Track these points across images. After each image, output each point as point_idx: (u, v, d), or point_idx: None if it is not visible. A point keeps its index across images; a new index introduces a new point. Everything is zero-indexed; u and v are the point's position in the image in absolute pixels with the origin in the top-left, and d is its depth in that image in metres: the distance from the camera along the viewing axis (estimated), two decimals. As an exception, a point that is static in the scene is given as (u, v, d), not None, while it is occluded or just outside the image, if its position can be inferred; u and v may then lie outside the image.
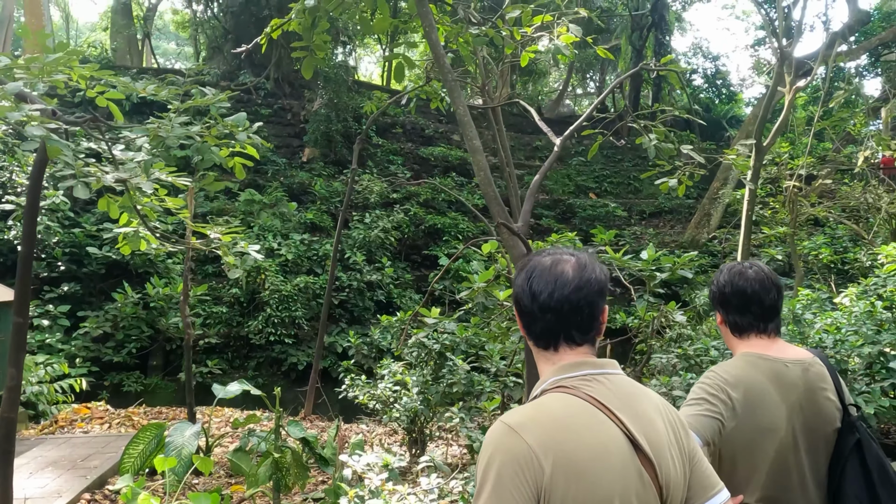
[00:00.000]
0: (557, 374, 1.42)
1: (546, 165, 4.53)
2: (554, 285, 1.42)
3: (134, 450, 5.13)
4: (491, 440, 1.34)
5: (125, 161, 3.55)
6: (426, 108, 21.59)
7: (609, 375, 1.43)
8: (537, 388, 1.45)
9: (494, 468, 1.29)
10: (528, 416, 1.36)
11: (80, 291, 12.19)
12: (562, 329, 1.43)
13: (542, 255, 1.51)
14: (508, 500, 1.26)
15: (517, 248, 4.09)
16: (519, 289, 1.49)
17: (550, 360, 1.46)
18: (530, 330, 1.47)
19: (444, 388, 5.33)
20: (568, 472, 1.28)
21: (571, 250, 1.53)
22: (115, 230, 4.45)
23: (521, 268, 1.53)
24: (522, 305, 1.47)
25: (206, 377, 11.69)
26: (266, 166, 16.38)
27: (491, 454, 1.32)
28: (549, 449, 1.29)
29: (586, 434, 1.32)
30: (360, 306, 14.03)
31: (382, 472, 3.65)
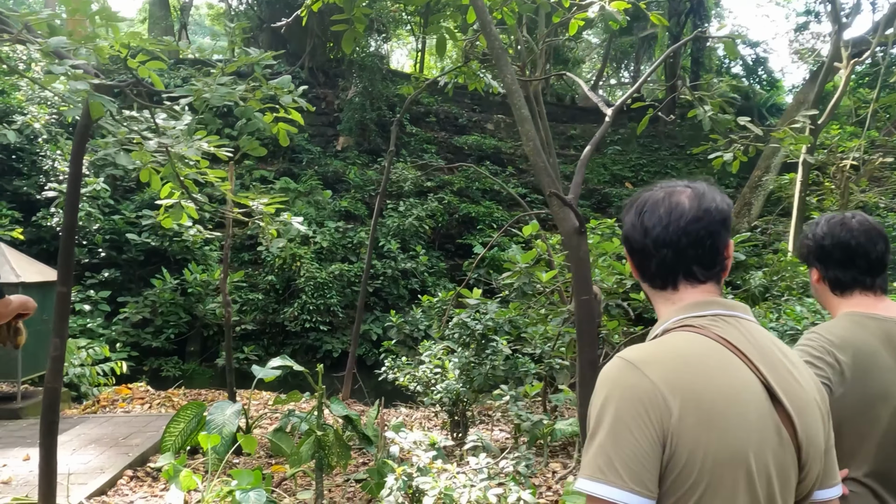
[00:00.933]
0: (681, 313, 1.29)
1: (598, 136, 4.34)
2: (669, 217, 1.29)
3: (175, 428, 5.10)
4: (607, 377, 1.21)
5: (167, 129, 3.46)
6: (460, 98, 21.50)
7: (741, 320, 1.28)
8: (656, 330, 1.32)
9: (612, 407, 1.16)
10: (651, 352, 1.22)
11: (119, 278, 12.34)
12: (681, 265, 1.30)
13: (652, 189, 1.39)
14: (628, 443, 1.12)
15: (568, 221, 3.92)
16: (629, 225, 1.37)
17: (670, 300, 1.33)
18: (644, 269, 1.35)
19: (488, 370, 5.19)
20: (699, 415, 1.13)
21: (686, 181, 1.40)
22: (158, 202, 4.39)
23: (629, 204, 1.41)
24: (634, 243, 1.35)
25: (242, 363, 11.74)
26: (301, 155, 16.42)
27: (608, 392, 1.18)
28: (676, 388, 1.14)
29: (718, 376, 1.18)
30: (395, 294, 13.97)
31: (429, 450, 3.52)
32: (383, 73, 18.44)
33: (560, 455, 5.28)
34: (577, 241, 3.89)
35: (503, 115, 21.43)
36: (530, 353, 6.07)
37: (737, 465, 1.13)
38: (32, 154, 12.60)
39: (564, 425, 4.79)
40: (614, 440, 1.12)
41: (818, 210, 10.59)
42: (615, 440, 1.12)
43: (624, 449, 1.11)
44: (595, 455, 1.14)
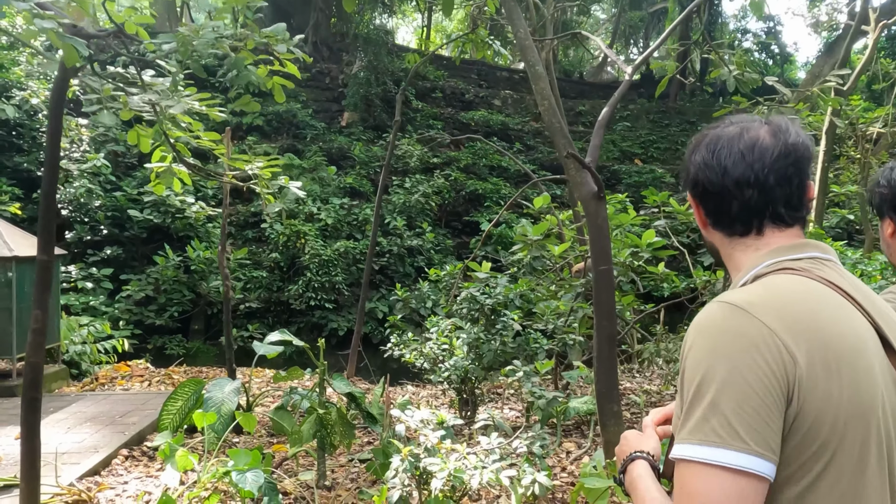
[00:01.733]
0: (771, 256, 1.13)
1: (616, 96, 4.05)
2: (752, 154, 1.14)
3: (173, 406, 4.90)
4: (710, 325, 1.02)
5: (154, 85, 3.20)
6: (466, 73, 21.10)
7: (836, 265, 1.14)
8: (743, 278, 1.15)
9: (722, 359, 0.97)
10: (759, 293, 1.04)
11: (122, 255, 12.18)
12: (767, 206, 1.14)
13: (721, 126, 1.23)
14: (749, 400, 0.94)
15: (586, 186, 3.66)
16: (700, 165, 1.20)
17: (753, 246, 1.17)
18: (721, 214, 1.19)
19: (498, 346, 4.96)
20: (828, 365, 0.97)
21: (758, 117, 1.23)
22: (147, 166, 4.13)
23: (696, 144, 1.24)
24: (709, 184, 1.18)
25: (247, 341, 11.60)
26: (305, 131, 16.15)
27: (714, 342, 0.99)
28: (799, 333, 0.98)
29: (841, 321, 1.02)
30: (401, 272, 13.77)
31: (437, 429, 3.30)
32: (388, 48, 18.06)
33: (574, 434, 5.07)
34: (596, 206, 3.63)
35: (510, 90, 21.05)
36: (541, 328, 5.85)
37: (867, 424, 0.98)
38: (32, 130, 12.37)
39: (579, 403, 4.57)
40: (732, 397, 0.94)
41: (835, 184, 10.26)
42: (733, 398, 0.94)
43: (745, 407, 0.94)
44: (706, 416, 0.96)
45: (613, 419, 3.64)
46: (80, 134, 12.85)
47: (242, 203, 14.05)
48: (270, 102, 16.12)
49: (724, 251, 1.22)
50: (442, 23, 27.74)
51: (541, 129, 19.52)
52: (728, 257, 1.21)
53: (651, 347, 5.65)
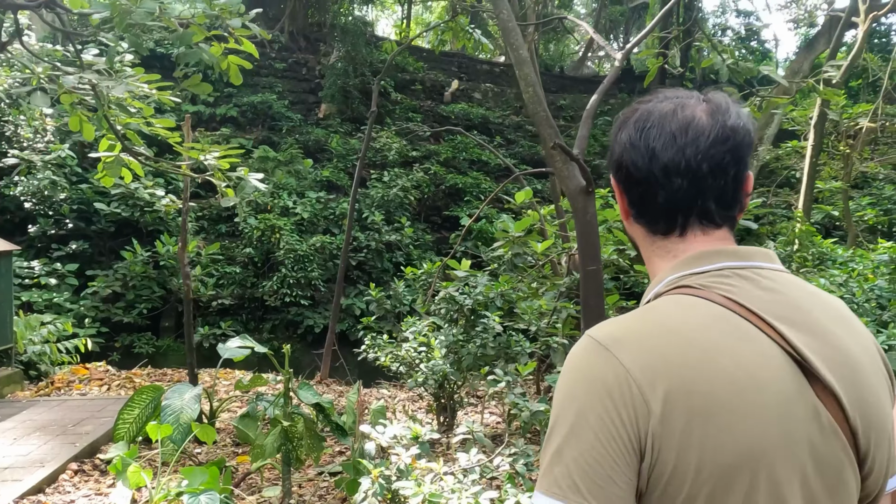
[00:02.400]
0: (678, 269, 0.98)
1: (605, 84, 3.79)
2: (685, 136, 0.97)
3: (129, 415, 4.56)
4: (570, 362, 0.93)
5: (93, 63, 2.87)
6: (446, 66, 20.76)
7: (762, 270, 0.96)
8: (648, 294, 1.01)
9: (572, 403, 0.89)
10: (628, 327, 0.92)
11: (88, 250, 11.73)
12: (696, 200, 0.98)
13: (654, 100, 1.04)
14: (592, 451, 0.85)
15: (574, 179, 3.38)
16: (625, 145, 1.02)
17: (671, 251, 1.01)
18: (644, 206, 1.02)
19: (478, 348, 4.68)
20: (691, 410, 0.84)
21: (696, 92, 1.06)
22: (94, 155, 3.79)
23: (622, 120, 1.06)
24: (633, 169, 1.01)
25: (219, 339, 11.21)
26: (280, 123, 15.73)
27: (570, 383, 0.91)
28: (658, 375, 0.86)
29: (722, 353, 0.87)
30: (379, 267, 13.46)
31: (411, 445, 3.01)
32: (367, 38, 17.66)
33: (558, 443, 4.81)
34: (584, 201, 3.36)
35: (491, 83, 20.77)
36: (522, 329, 5.58)
37: (750, 470, 0.84)
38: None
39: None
40: (575, 446, 0.86)
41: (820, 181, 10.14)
42: (575, 446, 0.86)
43: (587, 457, 0.85)
44: (552, 464, 0.88)
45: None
46: (44, 124, 12.33)
47: (215, 196, 13.62)
48: (244, 93, 15.70)
49: (645, 252, 1.07)
50: (422, 15, 27.38)
51: (522, 123, 19.27)
52: (648, 260, 1.06)
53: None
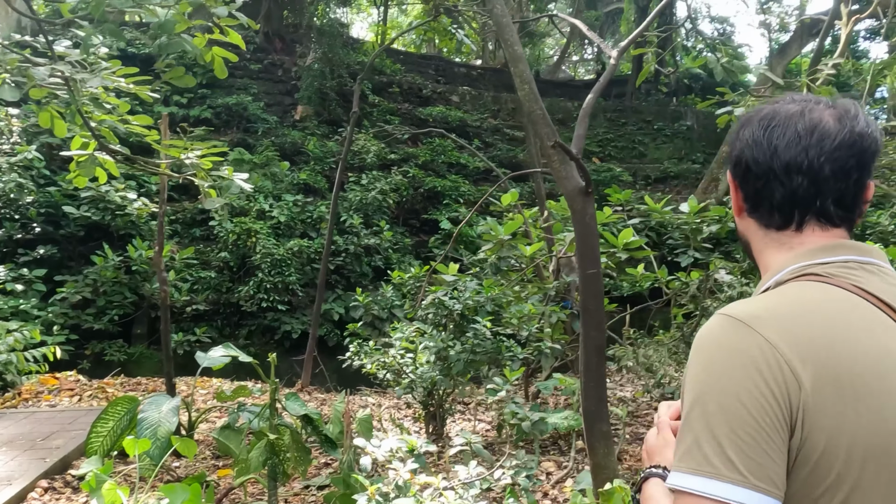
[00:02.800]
0: (800, 259, 1.01)
1: (602, 81, 3.69)
2: (810, 137, 1.00)
3: (102, 427, 4.34)
4: (709, 340, 0.93)
5: (66, 55, 2.68)
6: (424, 68, 20.65)
7: (883, 267, 1.00)
8: (765, 283, 1.04)
9: (718, 379, 0.88)
10: (766, 306, 0.93)
11: (57, 255, 11.35)
12: (815, 199, 1.01)
13: (781, 102, 1.08)
14: (746, 426, 0.84)
15: (571, 180, 3.27)
16: (748, 141, 1.06)
17: (787, 244, 1.05)
18: (760, 200, 1.06)
19: (468, 355, 4.55)
20: (840, 389, 0.85)
21: (825, 98, 1.08)
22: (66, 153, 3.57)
23: (747, 119, 1.10)
24: (753, 164, 1.05)
25: (194, 346, 10.94)
26: (256, 125, 15.46)
27: (710, 359, 0.90)
28: (807, 351, 0.87)
29: (863, 336, 0.89)
30: (357, 272, 13.27)
31: (407, 458, 2.87)
32: (344, 40, 17.48)
33: (551, 451, 4.70)
34: (583, 203, 3.25)
35: (468, 86, 20.71)
36: (510, 334, 5.47)
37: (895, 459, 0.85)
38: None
39: (559, 418, 4.21)
40: (726, 422, 0.85)
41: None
42: (727, 422, 0.85)
43: (740, 433, 0.84)
44: (698, 442, 0.86)
45: (603, 440, 3.26)
46: (10, 125, 11.93)
47: (189, 199, 13.32)
48: (219, 94, 15.40)
49: (756, 244, 1.10)
50: (398, 18, 27.25)
51: (499, 127, 19.24)
52: (759, 252, 1.10)
53: (630, 353, 5.35)
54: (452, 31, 7.74)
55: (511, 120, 19.85)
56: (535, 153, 7.86)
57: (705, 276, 5.35)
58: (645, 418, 5.23)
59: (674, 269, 6.03)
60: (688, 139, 21.97)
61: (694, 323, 5.22)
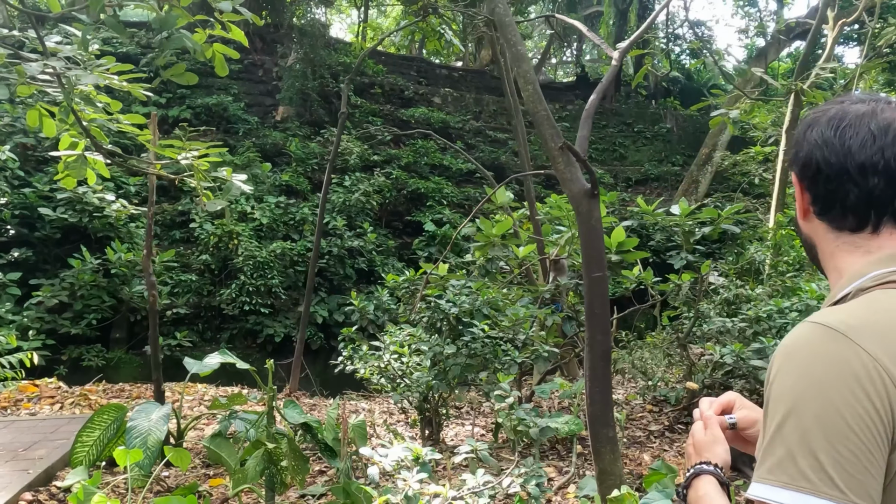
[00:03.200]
0: (882, 265, 0.97)
1: (604, 82, 3.66)
2: (885, 137, 0.99)
3: (88, 437, 4.20)
4: (803, 349, 0.89)
5: (58, 51, 2.56)
6: (405, 70, 20.55)
7: None
8: (843, 289, 1.00)
9: (817, 391, 0.84)
10: (861, 316, 0.90)
11: (32, 258, 11.07)
12: (893, 200, 0.99)
13: (847, 102, 1.06)
14: (846, 440, 0.80)
15: (577, 182, 3.23)
16: (817, 143, 1.04)
17: (863, 247, 1.02)
18: (833, 202, 1.03)
19: (465, 359, 4.48)
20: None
21: (887, 97, 1.08)
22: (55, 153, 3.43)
23: (812, 119, 1.08)
24: (825, 165, 1.02)
25: (174, 350, 10.76)
26: (237, 125, 15.27)
27: (806, 370, 0.86)
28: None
29: None
30: (341, 274, 13.14)
31: (414, 467, 2.79)
32: (325, 40, 17.33)
33: (550, 456, 4.65)
34: (589, 205, 3.20)
35: (450, 88, 20.67)
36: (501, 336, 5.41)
37: None
38: None
39: (560, 423, 4.16)
40: (825, 436, 0.82)
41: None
42: (826, 437, 0.82)
43: (840, 449, 0.81)
44: (793, 455, 0.84)
45: (609, 445, 3.22)
46: (-17, 124, 11.62)
47: (169, 201, 13.09)
48: (199, 94, 15.16)
49: (826, 247, 1.07)
50: (377, 19, 27.12)
51: (482, 129, 19.22)
52: (830, 256, 1.06)
53: (625, 356, 5.32)
54: (441, 32, 7.67)
55: (493, 122, 19.85)
56: (525, 155, 7.82)
57: (699, 278, 5.35)
58: (640, 422, 5.21)
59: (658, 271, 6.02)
60: (667, 141, 22.16)
61: (688, 326, 5.21)
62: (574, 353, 6.17)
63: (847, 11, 7.86)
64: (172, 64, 2.56)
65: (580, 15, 26.64)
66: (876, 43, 6.73)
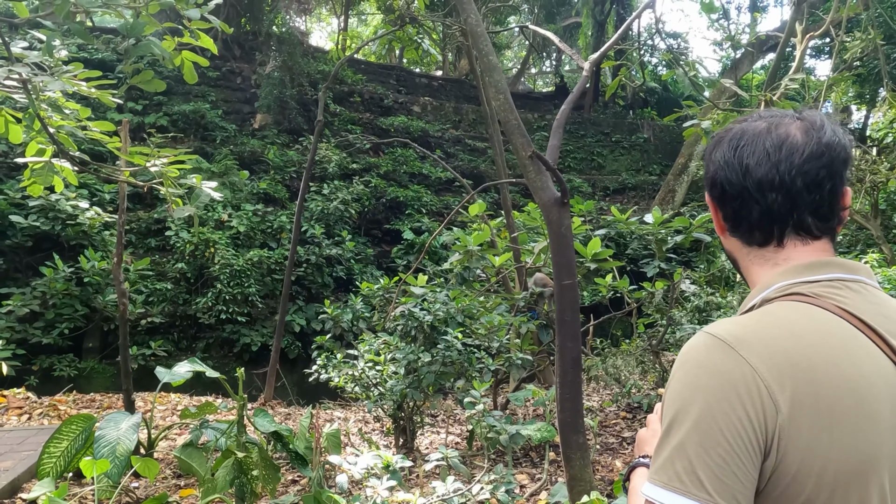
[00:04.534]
0: (787, 277, 1.02)
1: (575, 92, 3.70)
2: (779, 153, 1.02)
3: (56, 448, 4.13)
4: (692, 358, 0.94)
5: (23, 56, 2.54)
6: (385, 78, 20.60)
7: (866, 286, 1.01)
8: (752, 300, 1.05)
9: (697, 398, 0.90)
10: (750, 327, 0.94)
11: (2, 266, 10.88)
12: (792, 213, 1.03)
13: (749, 120, 1.11)
14: (718, 447, 0.86)
15: (547, 191, 3.26)
16: (720, 163, 1.08)
17: (771, 260, 1.06)
18: (739, 220, 1.08)
19: (438, 367, 4.48)
20: (817, 413, 0.87)
21: (792, 111, 1.11)
22: (20, 160, 3.39)
23: (717, 139, 1.13)
24: (728, 185, 1.07)
25: (149, 360, 10.61)
26: (214, 133, 15.17)
27: (692, 378, 0.92)
28: (786, 376, 0.88)
29: (842, 361, 0.90)
30: (319, 283, 13.09)
31: (384, 475, 2.79)
32: (304, 48, 17.31)
33: (523, 463, 4.66)
34: (559, 213, 3.23)
35: (430, 97, 20.75)
36: (477, 344, 5.43)
37: (866, 480, 0.87)
38: None
39: (532, 430, 4.17)
40: (699, 441, 0.87)
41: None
42: (700, 442, 0.87)
43: (711, 454, 0.86)
44: (672, 457, 0.89)
45: (579, 452, 3.24)
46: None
47: (144, 208, 12.96)
48: (176, 101, 15.05)
49: (742, 262, 1.12)
50: (357, 28, 27.16)
51: (461, 137, 19.32)
52: (745, 270, 1.12)
53: (598, 363, 5.36)
54: (418, 41, 7.71)
55: (472, 131, 19.95)
56: (501, 164, 7.87)
57: (671, 286, 5.41)
58: (613, 428, 5.25)
59: (636, 280, 6.09)
60: (645, 151, 22.41)
61: (661, 333, 5.26)
62: (549, 361, 6.20)
63: (816, 25, 8.05)
64: (140, 71, 2.54)
65: (558, 26, 26.92)
66: (843, 56, 6.90)
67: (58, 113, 2.89)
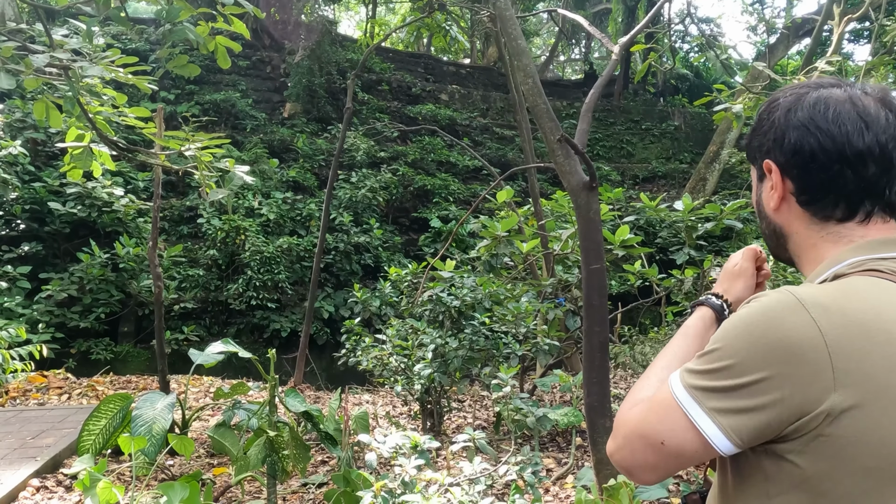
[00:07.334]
0: (861, 252, 0.96)
1: (605, 76, 3.67)
2: (878, 124, 0.95)
3: (94, 426, 4.27)
4: (760, 308, 0.90)
5: (63, 43, 2.61)
6: (413, 67, 20.60)
7: None
8: (823, 273, 0.98)
9: (747, 345, 0.87)
10: (831, 294, 0.90)
11: (42, 252, 11.19)
12: (885, 189, 0.97)
13: (819, 87, 1.02)
14: (745, 400, 0.86)
15: (576, 175, 3.25)
16: (808, 128, 0.98)
17: (845, 236, 1.00)
18: (824, 191, 0.99)
19: (466, 351, 4.51)
20: (878, 393, 0.82)
21: (848, 81, 1.04)
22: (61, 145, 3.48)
23: (792, 102, 1.02)
24: (821, 152, 0.97)
25: (182, 344, 10.84)
26: (244, 122, 15.35)
27: (752, 325, 0.88)
28: (853, 350, 0.83)
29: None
30: (347, 270, 13.20)
31: (412, 455, 2.83)
32: (332, 37, 17.38)
33: (550, 447, 4.68)
34: (587, 198, 3.23)
35: (458, 85, 20.69)
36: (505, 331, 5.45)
37: None
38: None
39: (559, 415, 4.19)
40: (730, 376, 0.87)
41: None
42: (732, 384, 0.87)
43: (735, 399, 0.87)
44: (709, 373, 0.90)
45: (606, 436, 3.24)
46: (-6, 119, 11.74)
47: (177, 196, 13.20)
48: (207, 91, 15.26)
49: (807, 238, 1.03)
50: (385, 16, 27.17)
51: (489, 125, 19.25)
52: (810, 247, 1.03)
53: (627, 350, 5.34)
54: (447, 28, 7.70)
55: (500, 119, 19.86)
56: (529, 151, 7.85)
57: (700, 273, 5.36)
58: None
59: (665, 268, 6.03)
60: (675, 139, 22.06)
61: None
62: (576, 348, 6.20)
63: (854, 8, 7.83)
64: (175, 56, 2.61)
65: (588, 12, 26.57)
66: (883, 39, 6.71)
67: (96, 99, 2.97)
